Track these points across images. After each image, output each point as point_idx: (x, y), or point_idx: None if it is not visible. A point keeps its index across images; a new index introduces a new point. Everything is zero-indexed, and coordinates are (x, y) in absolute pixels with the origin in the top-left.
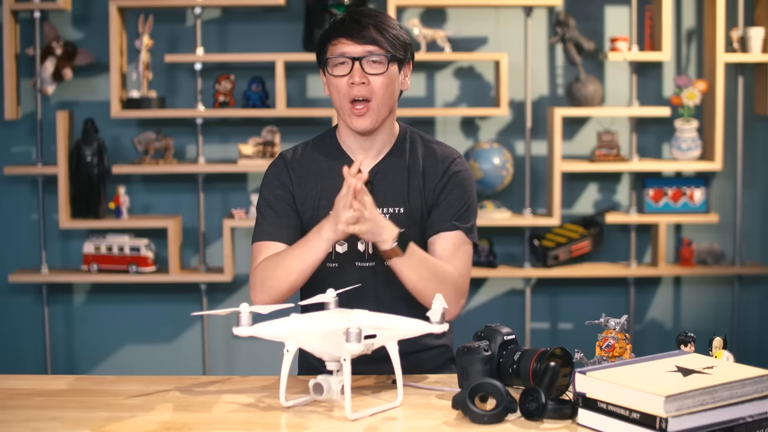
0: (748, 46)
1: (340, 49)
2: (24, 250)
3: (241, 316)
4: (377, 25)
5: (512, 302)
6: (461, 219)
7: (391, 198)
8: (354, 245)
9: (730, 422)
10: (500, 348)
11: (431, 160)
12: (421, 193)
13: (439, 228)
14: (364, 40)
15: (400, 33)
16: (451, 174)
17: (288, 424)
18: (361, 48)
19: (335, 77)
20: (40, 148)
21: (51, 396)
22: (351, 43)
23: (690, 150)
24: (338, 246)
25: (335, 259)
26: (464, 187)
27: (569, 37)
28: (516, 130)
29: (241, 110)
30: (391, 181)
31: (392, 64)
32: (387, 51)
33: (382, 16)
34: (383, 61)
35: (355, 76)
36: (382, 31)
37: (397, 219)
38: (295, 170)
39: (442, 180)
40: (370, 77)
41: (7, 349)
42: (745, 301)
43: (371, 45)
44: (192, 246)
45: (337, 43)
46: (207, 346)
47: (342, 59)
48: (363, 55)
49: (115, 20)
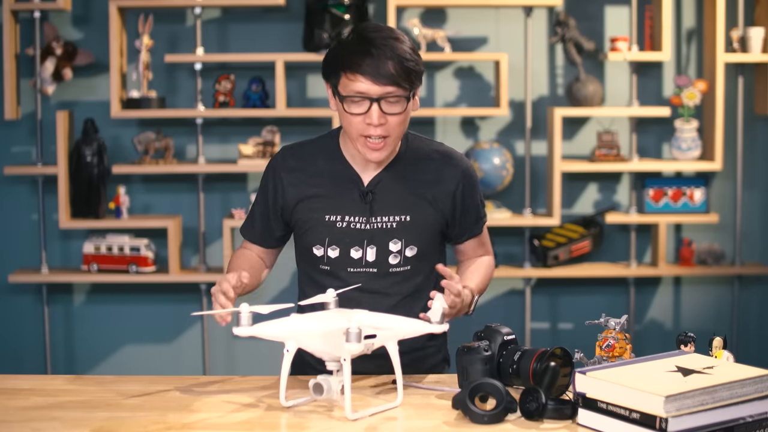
0: (748, 46)
1: (356, 87)
2: (24, 250)
3: (241, 316)
4: (395, 58)
5: (512, 302)
6: (483, 215)
7: (395, 207)
8: (347, 251)
9: (730, 422)
10: (500, 348)
11: (436, 165)
12: (430, 201)
13: (471, 234)
14: (383, 81)
15: (416, 62)
16: (463, 175)
17: (288, 424)
18: (379, 89)
19: (351, 114)
20: (40, 148)
21: (51, 396)
22: (368, 82)
23: (690, 150)
24: (330, 250)
25: (327, 263)
26: (475, 184)
27: (569, 37)
28: (516, 130)
29: (241, 110)
30: (394, 191)
31: (409, 101)
32: (406, 90)
33: (396, 44)
34: (402, 101)
35: (373, 118)
36: (398, 65)
37: (404, 227)
38: (291, 171)
39: (458, 185)
40: (387, 117)
41: (7, 349)
42: (745, 301)
43: (391, 86)
44: (192, 246)
45: (354, 78)
46: (207, 346)
47: (358, 98)
48: (381, 96)
49: (115, 20)
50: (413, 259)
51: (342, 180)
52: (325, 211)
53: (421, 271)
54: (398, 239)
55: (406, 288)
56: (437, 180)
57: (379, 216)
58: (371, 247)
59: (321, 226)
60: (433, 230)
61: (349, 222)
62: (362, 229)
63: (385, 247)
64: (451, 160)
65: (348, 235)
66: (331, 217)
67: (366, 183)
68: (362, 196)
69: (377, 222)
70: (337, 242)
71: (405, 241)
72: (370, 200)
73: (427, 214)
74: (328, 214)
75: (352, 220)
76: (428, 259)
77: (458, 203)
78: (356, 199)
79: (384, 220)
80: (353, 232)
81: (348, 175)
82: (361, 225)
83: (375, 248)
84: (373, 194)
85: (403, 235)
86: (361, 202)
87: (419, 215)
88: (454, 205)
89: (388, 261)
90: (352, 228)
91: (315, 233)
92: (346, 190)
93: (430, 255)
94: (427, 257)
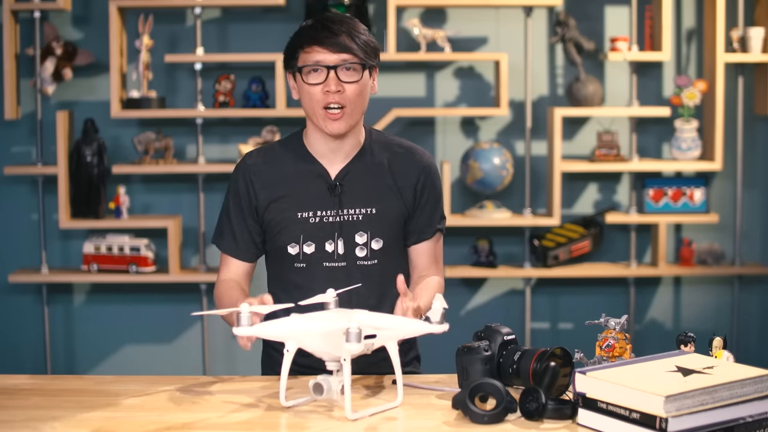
0: (748, 46)
1: (313, 57)
2: (24, 250)
3: (241, 316)
4: (349, 32)
5: (512, 302)
6: (438, 220)
7: (362, 199)
8: (322, 245)
9: (730, 422)
10: (500, 348)
11: (399, 158)
12: (395, 192)
13: (422, 237)
14: (338, 48)
15: (370, 39)
16: (424, 169)
17: (288, 424)
18: (335, 56)
19: (309, 85)
20: (40, 148)
21: (51, 396)
22: (325, 51)
23: (690, 150)
24: (305, 246)
25: (303, 260)
26: (436, 182)
27: (569, 37)
28: (516, 130)
29: (241, 110)
30: (361, 183)
31: (365, 71)
32: (360, 59)
33: (352, 23)
34: (357, 69)
35: (330, 85)
36: (354, 38)
37: (370, 219)
38: (259, 174)
39: (420, 177)
40: (344, 85)
41: (7, 349)
42: (745, 301)
43: (345, 53)
44: (192, 246)
45: (311, 50)
46: (207, 346)
47: (316, 67)
48: (338, 64)
49: (115, 20)
50: (379, 252)
51: (310, 176)
52: (297, 209)
53: (390, 269)
54: (364, 231)
55: (375, 287)
56: (401, 171)
57: (346, 209)
58: (340, 240)
59: (294, 224)
60: (398, 223)
61: (321, 216)
62: (333, 222)
63: (352, 239)
64: (414, 154)
65: (321, 229)
66: (303, 213)
67: (333, 176)
68: (330, 189)
69: (345, 215)
70: (312, 238)
71: (371, 233)
72: (338, 192)
73: (393, 206)
74: (299, 211)
75: (324, 214)
76: (395, 255)
77: (417, 197)
78: (325, 192)
79: (351, 212)
80: (326, 225)
81: (315, 170)
82: (332, 218)
83: (343, 240)
84: (342, 186)
85: (369, 227)
86: (330, 196)
87: (386, 207)
88: (414, 199)
89: (355, 253)
90: (324, 222)
91: (288, 232)
92: (315, 185)
93: (396, 251)
94: (394, 254)
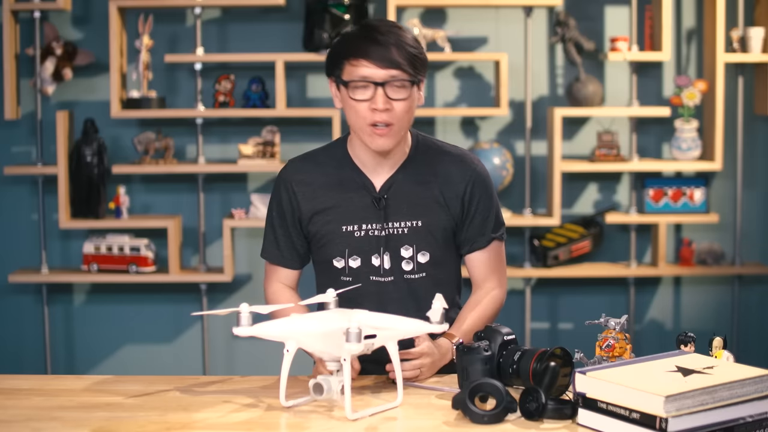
0: (748, 46)
1: (360, 72)
2: (24, 250)
3: (241, 316)
4: (398, 43)
5: (512, 302)
6: (494, 228)
7: (407, 211)
8: (368, 260)
9: (730, 422)
10: (500, 348)
11: (446, 167)
12: (441, 203)
13: (477, 245)
14: (387, 64)
15: (419, 50)
16: (472, 178)
17: (288, 424)
18: (384, 72)
19: (356, 101)
20: (40, 148)
21: (51, 396)
22: (373, 66)
23: (690, 150)
24: (351, 261)
25: (349, 273)
26: (487, 189)
27: (569, 37)
28: (516, 130)
29: (241, 110)
30: (406, 194)
31: (413, 86)
32: (410, 74)
33: (400, 32)
34: (407, 86)
35: (378, 103)
36: (403, 51)
37: (416, 232)
38: (301, 185)
39: (467, 187)
40: (393, 102)
41: (7, 349)
42: (745, 301)
43: (394, 69)
44: (192, 246)
45: (358, 64)
46: (207, 346)
47: (364, 83)
48: (386, 80)
49: (115, 20)
50: (427, 265)
51: (353, 187)
52: (341, 222)
53: (440, 281)
54: (409, 245)
55: (423, 300)
56: (447, 181)
57: (391, 222)
58: (386, 254)
59: (339, 238)
60: (445, 235)
61: (366, 230)
62: (379, 235)
63: (398, 253)
64: (461, 162)
65: (367, 243)
66: (348, 227)
67: (378, 188)
68: (375, 201)
69: (391, 228)
70: (358, 252)
71: (416, 247)
72: (383, 206)
73: (439, 218)
74: (344, 224)
75: (370, 228)
76: (444, 266)
77: (466, 207)
78: (369, 205)
79: (396, 225)
80: (372, 239)
81: (359, 180)
82: (377, 231)
83: (389, 255)
84: (386, 199)
85: (414, 240)
86: (374, 208)
87: (430, 220)
88: (462, 209)
89: (401, 267)
90: (370, 235)
91: (333, 245)
92: (359, 197)
93: (446, 262)
94: (442, 264)
